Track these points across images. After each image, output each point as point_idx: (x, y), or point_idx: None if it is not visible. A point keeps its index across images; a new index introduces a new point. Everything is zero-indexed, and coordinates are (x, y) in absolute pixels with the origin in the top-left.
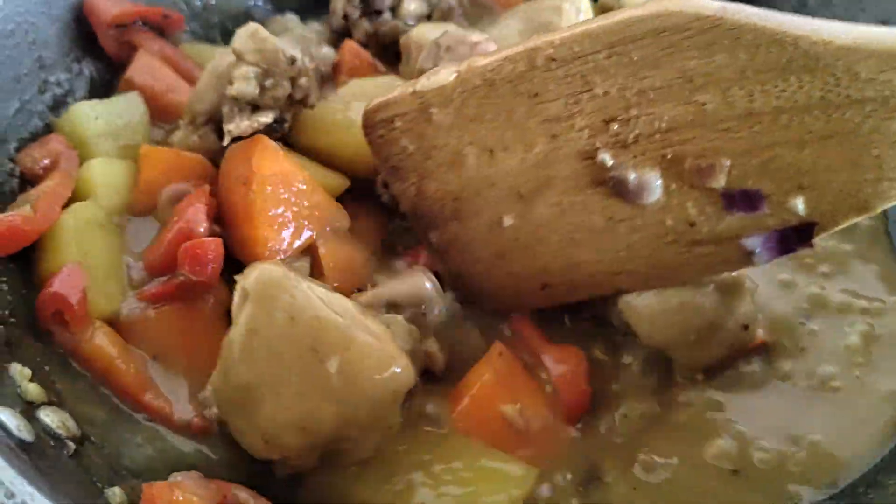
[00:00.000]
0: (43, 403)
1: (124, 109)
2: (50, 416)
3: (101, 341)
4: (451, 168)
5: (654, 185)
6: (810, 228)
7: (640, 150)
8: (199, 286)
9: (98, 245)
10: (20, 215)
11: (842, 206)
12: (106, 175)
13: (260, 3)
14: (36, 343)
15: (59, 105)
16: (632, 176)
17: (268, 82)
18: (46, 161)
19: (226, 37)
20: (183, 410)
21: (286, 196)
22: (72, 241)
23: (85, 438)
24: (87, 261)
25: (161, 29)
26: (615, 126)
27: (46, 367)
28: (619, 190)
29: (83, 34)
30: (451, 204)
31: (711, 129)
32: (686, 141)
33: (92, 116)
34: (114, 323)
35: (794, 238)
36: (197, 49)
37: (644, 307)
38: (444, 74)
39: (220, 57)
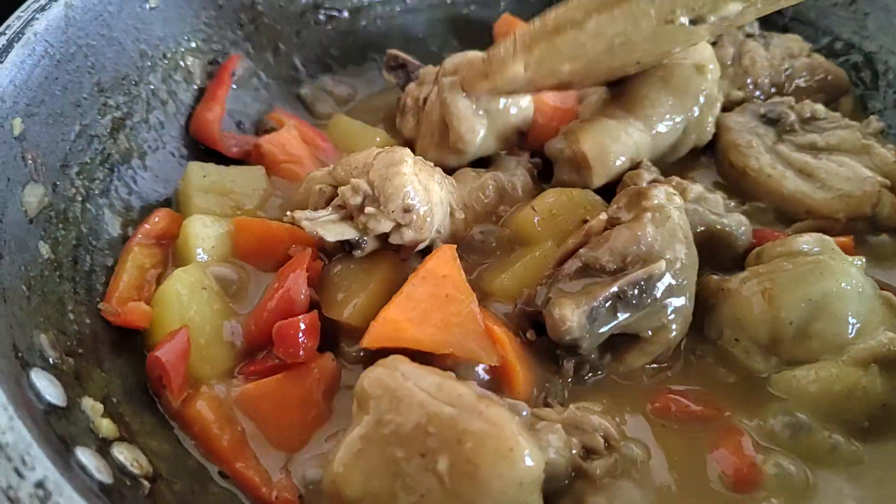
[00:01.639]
0: (115, 440)
1: (241, 177)
2: (124, 454)
3: (201, 407)
4: None
5: None
6: None
7: None
8: (294, 367)
9: (200, 311)
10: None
11: None
12: (205, 232)
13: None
14: (100, 373)
15: (118, 128)
16: None
17: (368, 209)
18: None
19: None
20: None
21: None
22: (174, 309)
23: (157, 475)
24: (192, 327)
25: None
26: None
27: (114, 399)
28: None
29: (138, 56)
30: None
31: None
32: None
33: (201, 174)
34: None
35: None
36: (345, 126)
37: (804, 392)
38: None
39: (359, 154)
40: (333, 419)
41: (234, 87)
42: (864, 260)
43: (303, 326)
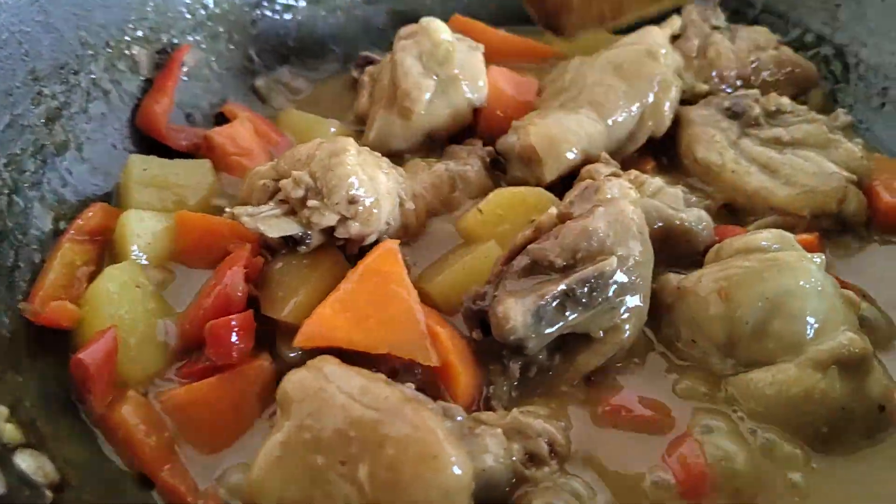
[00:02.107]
0: (19, 446)
1: (185, 171)
2: (27, 462)
3: (126, 411)
4: None
5: None
6: None
7: None
8: (227, 369)
9: (132, 311)
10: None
11: None
12: (141, 227)
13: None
14: (16, 376)
15: (53, 118)
16: None
17: (311, 202)
18: None
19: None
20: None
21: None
22: (103, 308)
23: (65, 484)
24: (121, 327)
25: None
26: None
27: (27, 403)
28: None
29: (78, 44)
30: None
31: None
32: None
33: (141, 167)
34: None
35: None
36: (297, 119)
37: (761, 395)
38: None
39: (302, 146)
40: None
41: (185, 78)
42: (823, 257)
43: (235, 326)
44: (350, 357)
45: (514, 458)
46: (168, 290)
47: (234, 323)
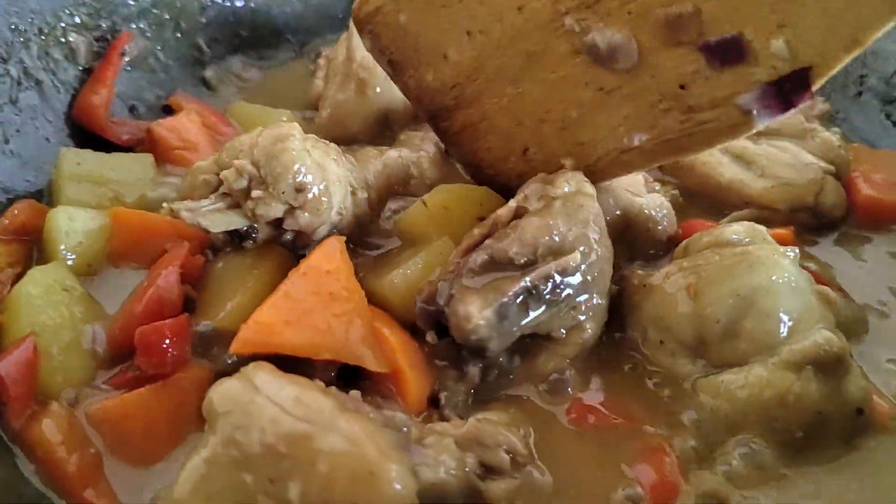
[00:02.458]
0: None
1: (123, 165)
2: None
3: (47, 426)
4: (438, 56)
5: (627, 46)
6: (804, 74)
7: (604, 11)
8: (160, 379)
9: (57, 316)
10: None
11: (829, 42)
12: (71, 226)
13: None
14: None
15: None
16: (601, 38)
17: (255, 192)
18: None
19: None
20: None
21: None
22: (22, 314)
23: None
24: (43, 335)
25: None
26: None
27: None
28: (595, 56)
29: (7, 29)
30: (450, 93)
31: None
32: None
33: (74, 161)
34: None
35: (789, 88)
36: (246, 110)
37: (733, 398)
38: None
39: (243, 136)
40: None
41: (129, 68)
42: (797, 251)
43: (168, 332)
44: (293, 362)
45: (467, 470)
46: (101, 293)
47: (166, 329)
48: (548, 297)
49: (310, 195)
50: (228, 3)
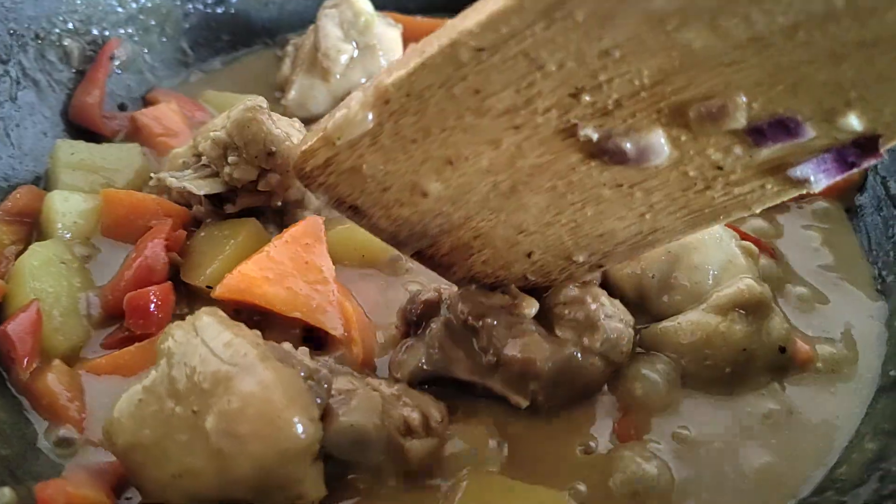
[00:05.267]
0: None
1: (113, 154)
2: None
3: (51, 380)
4: (415, 192)
5: (659, 145)
6: (873, 140)
7: (628, 114)
8: (147, 339)
9: (56, 285)
10: None
11: None
12: (66, 206)
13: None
14: None
15: None
16: (628, 144)
17: (230, 158)
18: None
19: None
20: None
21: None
22: (26, 283)
23: None
24: (45, 301)
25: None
26: (587, 97)
27: None
28: (618, 160)
29: (7, 34)
30: (434, 221)
31: (709, 68)
32: (681, 89)
33: (69, 151)
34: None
35: (855, 154)
36: (217, 98)
37: (670, 343)
38: (354, 107)
39: (215, 119)
40: None
41: (119, 70)
42: None
43: (153, 297)
44: (267, 321)
45: (387, 423)
46: (94, 265)
47: (152, 293)
48: None
49: (279, 159)
50: (210, 10)
